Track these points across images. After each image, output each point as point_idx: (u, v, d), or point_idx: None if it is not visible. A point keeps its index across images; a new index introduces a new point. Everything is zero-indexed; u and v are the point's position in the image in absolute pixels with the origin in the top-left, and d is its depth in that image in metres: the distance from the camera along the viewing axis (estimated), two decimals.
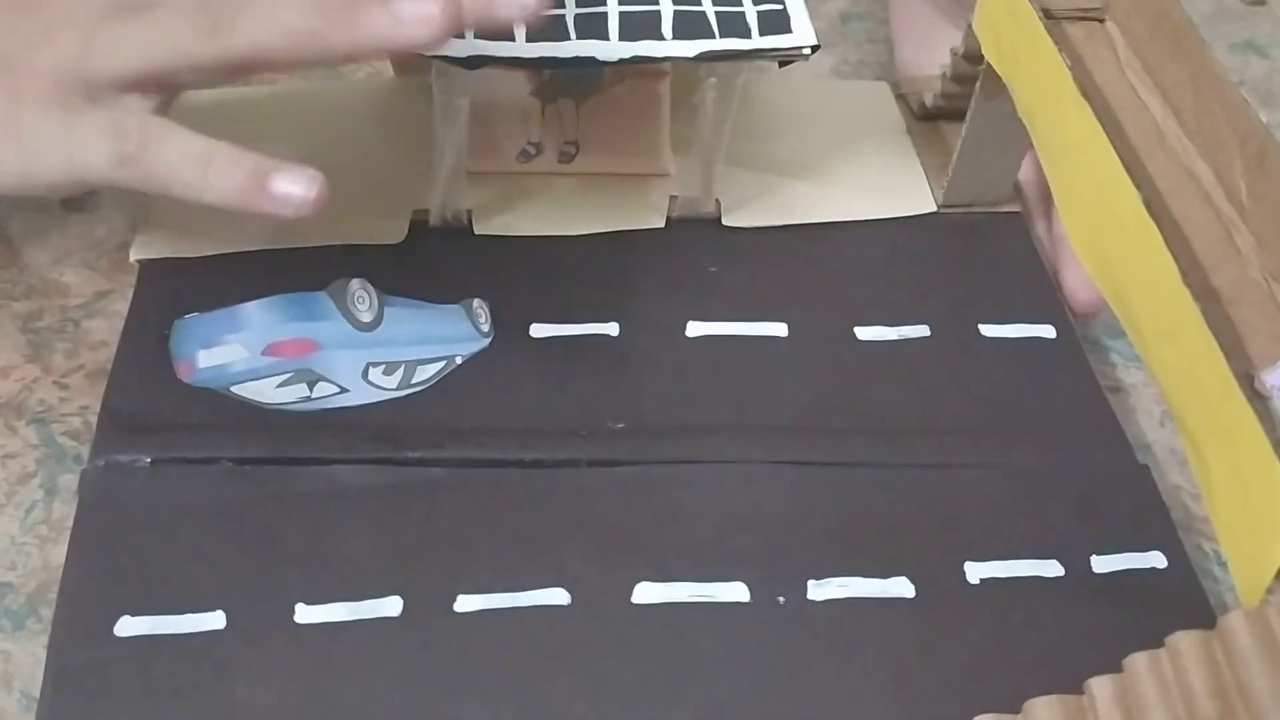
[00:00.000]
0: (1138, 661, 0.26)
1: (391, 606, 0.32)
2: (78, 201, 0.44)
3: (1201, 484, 0.28)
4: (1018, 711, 0.27)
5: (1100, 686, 0.27)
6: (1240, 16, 0.61)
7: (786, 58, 0.38)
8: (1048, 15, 0.37)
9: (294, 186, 0.32)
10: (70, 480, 0.35)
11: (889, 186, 0.44)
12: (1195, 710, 0.25)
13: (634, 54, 0.37)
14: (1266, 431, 0.25)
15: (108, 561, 0.32)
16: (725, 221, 0.43)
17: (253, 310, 0.38)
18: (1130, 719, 0.26)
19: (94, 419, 0.36)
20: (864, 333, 0.40)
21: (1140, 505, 0.36)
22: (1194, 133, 0.33)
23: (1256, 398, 0.28)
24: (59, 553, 0.33)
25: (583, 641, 0.32)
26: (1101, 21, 0.37)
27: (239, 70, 0.34)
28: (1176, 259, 0.29)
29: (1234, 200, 0.31)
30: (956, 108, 0.43)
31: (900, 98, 0.48)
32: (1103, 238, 0.31)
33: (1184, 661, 0.25)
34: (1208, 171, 0.32)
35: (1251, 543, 0.25)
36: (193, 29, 0.32)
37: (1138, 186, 0.31)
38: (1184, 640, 0.25)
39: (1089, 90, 0.33)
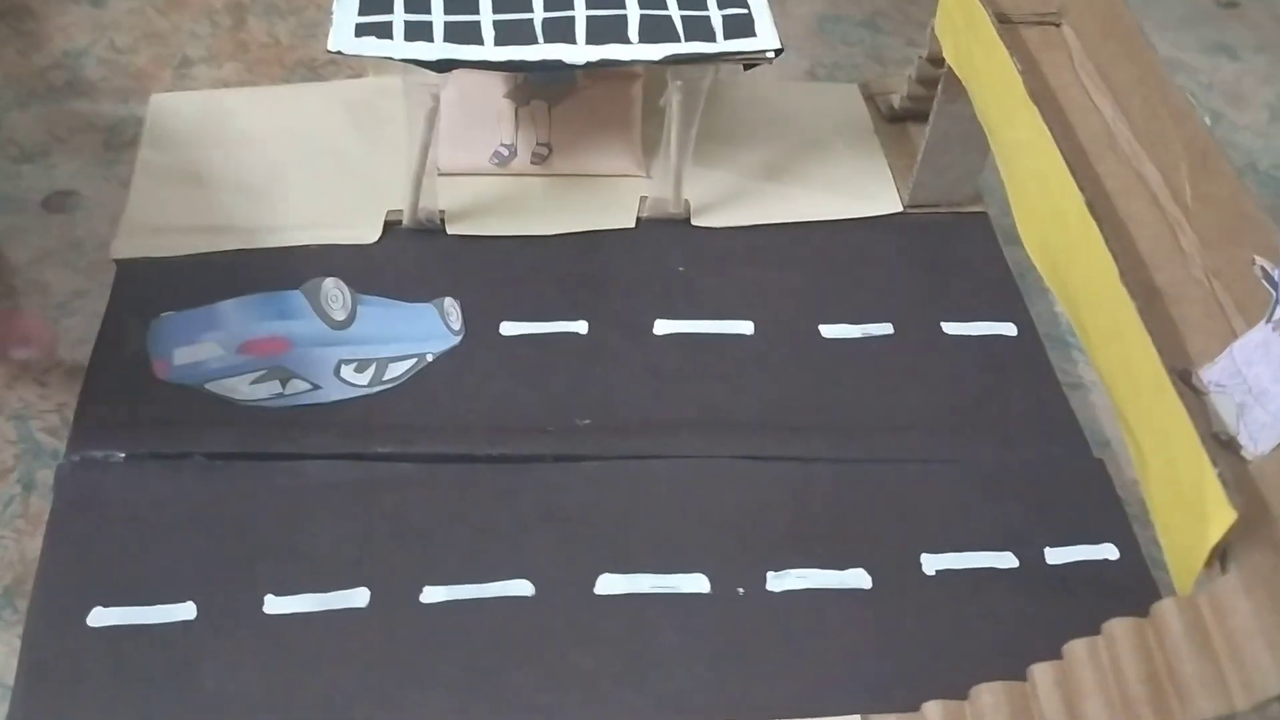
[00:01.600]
0: (1076, 648, 0.27)
1: (359, 598, 0.33)
2: (58, 203, 0.45)
3: (1140, 476, 0.29)
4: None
5: (1041, 673, 0.28)
6: (1212, 19, 0.61)
7: (751, 61, 0.39)
8: (1005, 19, 0.38)
9: None
10: (48, 475, 0.36)
11: (856, 187, 0.45)
12: (1128, 694, 0.25)
13: (600, 57, 0.37)
14: (1198, 426, 0.26)
15: (82, 554, 0.33)
16: (694, 222, 0.43)
17: (228, 309, 0.39)
18: (1068, 703, 0.27)
19: (72, 415, 0.37)
20: (829, 330, 0.41)
21: (1094, 498, 0.37)
22: (1142, 135, 0.34)
23: (1195, 393, 0.28)
24: (35, 546, 0.34)
25: (546, 632, 0.33)
26: (1057, 26, 0.38)
27: None
28: (1122, 258, 0.29)
29: (1179, 201, 0.32)
30: (923, 110, 0.44)
31: (869, 100, 0.49)
32: (1051, 238, 0.32)
33: (1119, 648, 0.26)
34: (1155, 173, 0.33)
35: (1184, 533, 0.26)
36: None
37: (1086, 187, 0.31)
38: (1119, 627, 0.26)
39: (1042, 93, 0.34)
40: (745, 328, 0.40)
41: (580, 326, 0.40)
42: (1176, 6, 0.62)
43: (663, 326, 0.40)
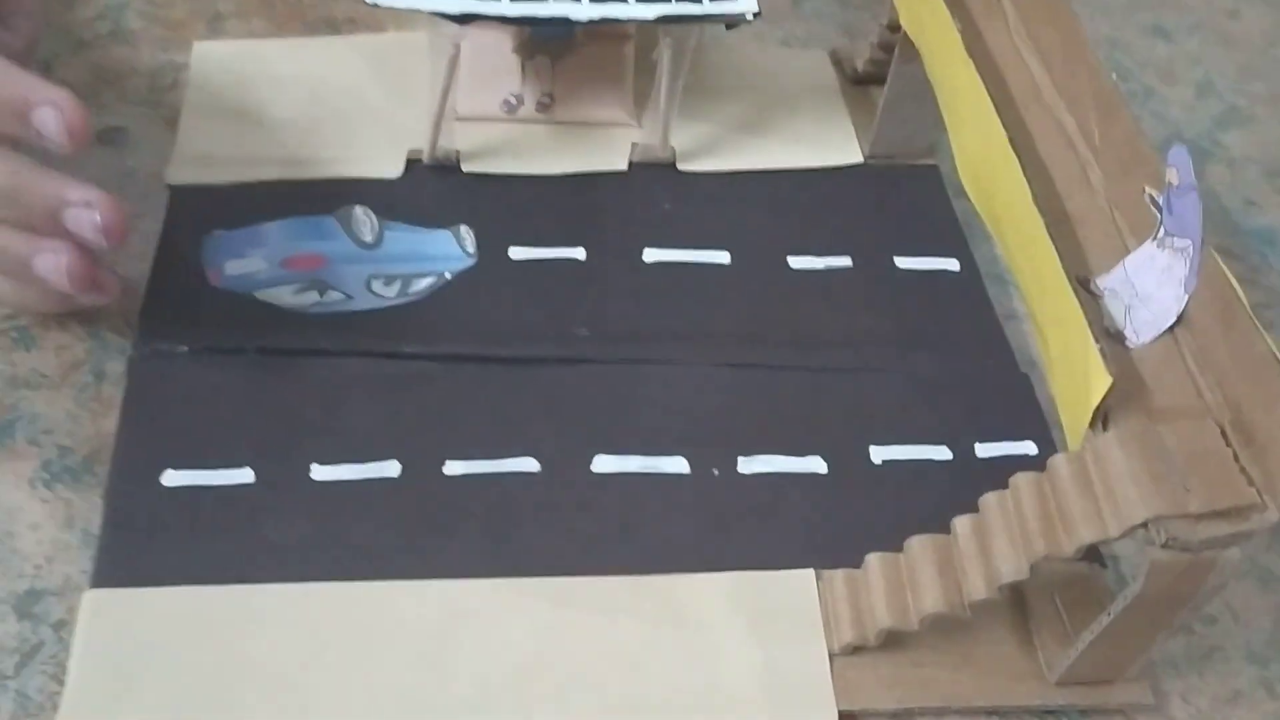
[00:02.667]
0: (989, 499, 0.33)
1: (391, 469, 0.38)
2: (110, 137, 0.50)
3: (1045, 361, 0.35)
4: None
5: (961, 524, 0.34)
6: (1151, 6, 0.67)
7: (732, 20, 0.44)
8: None
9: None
10: (115, 367, 0.41)
11: (822, 140, 0.51)
12: (1026, 529, 0.32)
13: (602, 15, 0.43)
14: (1090, 319, 0.32)
15: (154, 426, 0.38)
16: (679, 166, 0.49)
17: (271, 229, 0.44)
18: (981, 543, 0.33)
19: (133, 318, 0.42)
20: (795, 262, 0.46)
21: (1019, 405, 0.43)
22: (1062, 88, 0.40)
23: (1091, 296, 0.34)
24: (109, 423, 0.39)
25: (549, 501, 0.38)
26: None
27: None
28: (1038, 188, 0.35)
29: (1090, 144, 0.38)
30: (882, 73, 0.50)
31: (836, 64, 0.55)
32: (981, 171, 0.38)
33: (1021, 495, 0.32)
34: (1071, 120, 0.39)
35: (1074, 402, 0.32)
36: None
37: (1014, 130, 0.37)
38: (1022, 479, 0.32)
39: (980, 52, 0.40)
40: (723, 258, 0.46)
41: (579, 253, 0.46)
42: None
43: (651, 255, 0.46)
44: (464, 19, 0.42)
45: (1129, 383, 0.32)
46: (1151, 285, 0.34)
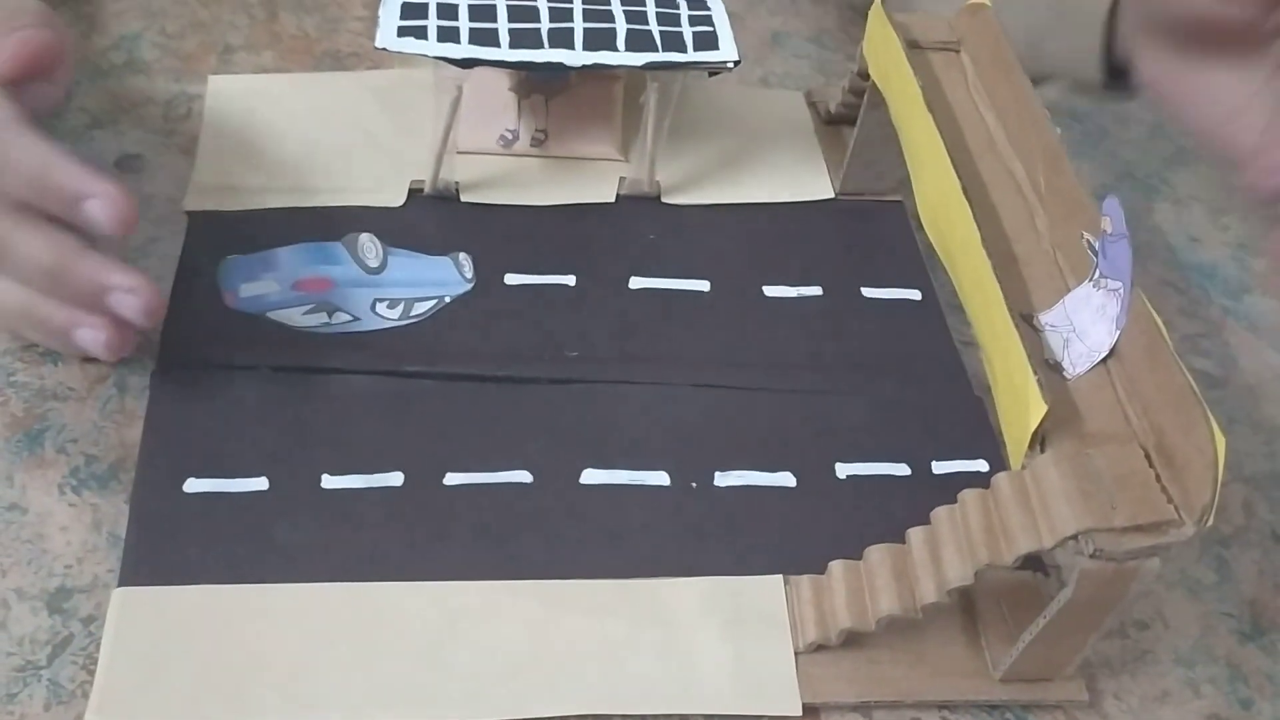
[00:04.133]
0: (940, 513, 0.37)
1: (395, 479, 0.41)
2: (128, 164, 0.53)
3: (992, 388, 0.39)
4: None
5: (915, 534, 0.38)
6: None
7: (714, 69, 0.48)
8: (916, 45, 0.47)
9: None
10: (136, 381, 0.44)
11: (797, 176, 0.55)
12: (972, 540, 0.35)
13: (594, 62, 0.46)
14: (1031, 352, 0.36)
15: (176, 437, 0.41)
16: (664, 199, 0.53)
17: (283, 254, 0.47)
18: (933, 552, 0.37)
19: (154, 337, 0.45)
20: (770, 291, 0.50)
21: (973, 426, 0.46)
22: (1014, 140, 0.43)
23: (1033, 330, 0.38)
24: (132, 433, 0.42)
25: (542, 510, 0.42)
26: (957, 52, 0.48)
27: None
28: (987, 232, 0.39)
29: (1037, 192, 0.42)
30: (853, 115, 0.53)
31: (811, 105, 0.58)
32: (938, 214, 0.42)
33: (967, 509, 0.36)
34: (1021, 169, 0.43)
35: (1015, 426, 0.36)
36: None
37: (969, 179, 0.41)
38: (969, 495, 0.36)
39: (939, 104, 0.44)
40: (703, 286, 0.50)
41: (569, 280, 0.49)
42: None
43: (636, 282, 0.49)
44: (467, 63, 0.46)
45: (1064, 410, 0.35)
46: (1087, 322, 0.38)
